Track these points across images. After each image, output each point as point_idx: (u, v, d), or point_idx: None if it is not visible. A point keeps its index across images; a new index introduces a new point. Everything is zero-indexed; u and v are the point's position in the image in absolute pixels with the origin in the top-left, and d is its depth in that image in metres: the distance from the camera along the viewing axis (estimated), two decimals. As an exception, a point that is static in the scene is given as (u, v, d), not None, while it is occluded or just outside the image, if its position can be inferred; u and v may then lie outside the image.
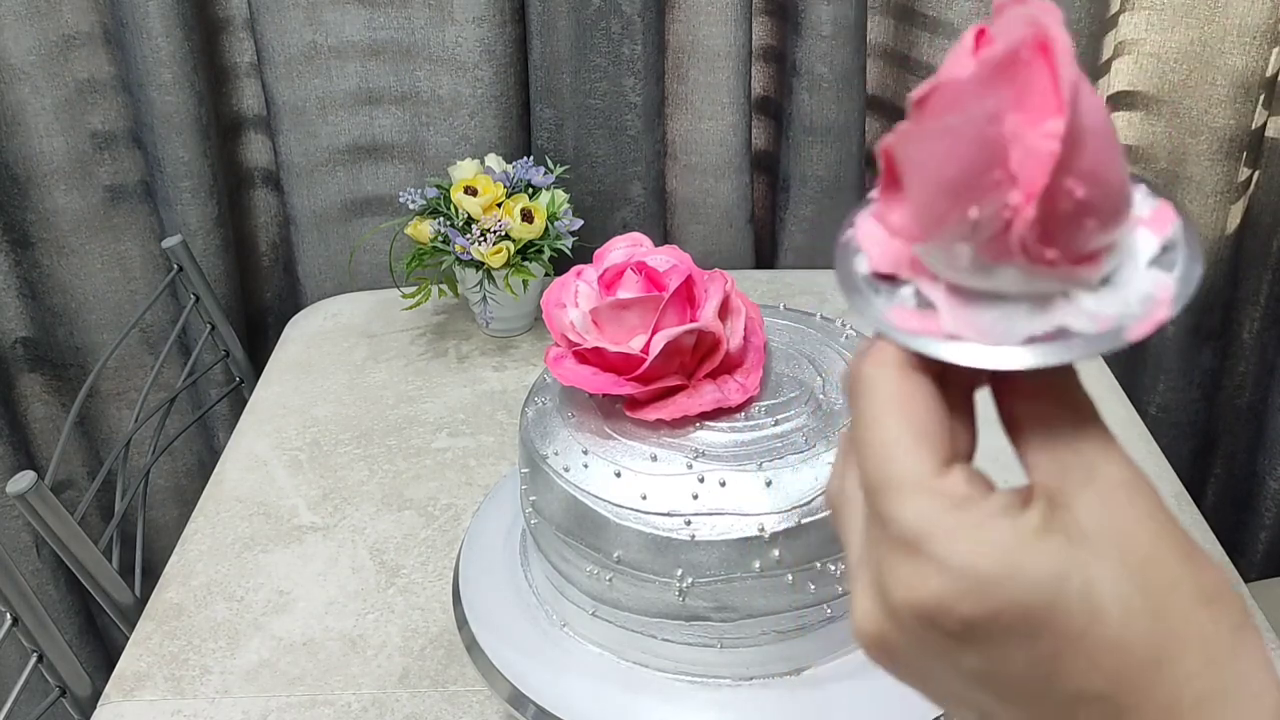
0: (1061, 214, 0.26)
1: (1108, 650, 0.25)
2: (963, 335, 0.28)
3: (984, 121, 0.25)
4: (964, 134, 0.25)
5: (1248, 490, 1.40)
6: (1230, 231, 1.29)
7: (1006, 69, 0.25)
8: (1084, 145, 0.25)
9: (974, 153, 0.25)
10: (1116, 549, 0.26)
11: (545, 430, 0.65)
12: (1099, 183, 0.26)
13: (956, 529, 0.26)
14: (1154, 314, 0.27)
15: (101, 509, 1.33)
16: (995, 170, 0.25)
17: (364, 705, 0.75)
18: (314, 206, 1.27)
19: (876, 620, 0.28)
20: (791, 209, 1.29)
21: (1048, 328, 0.27)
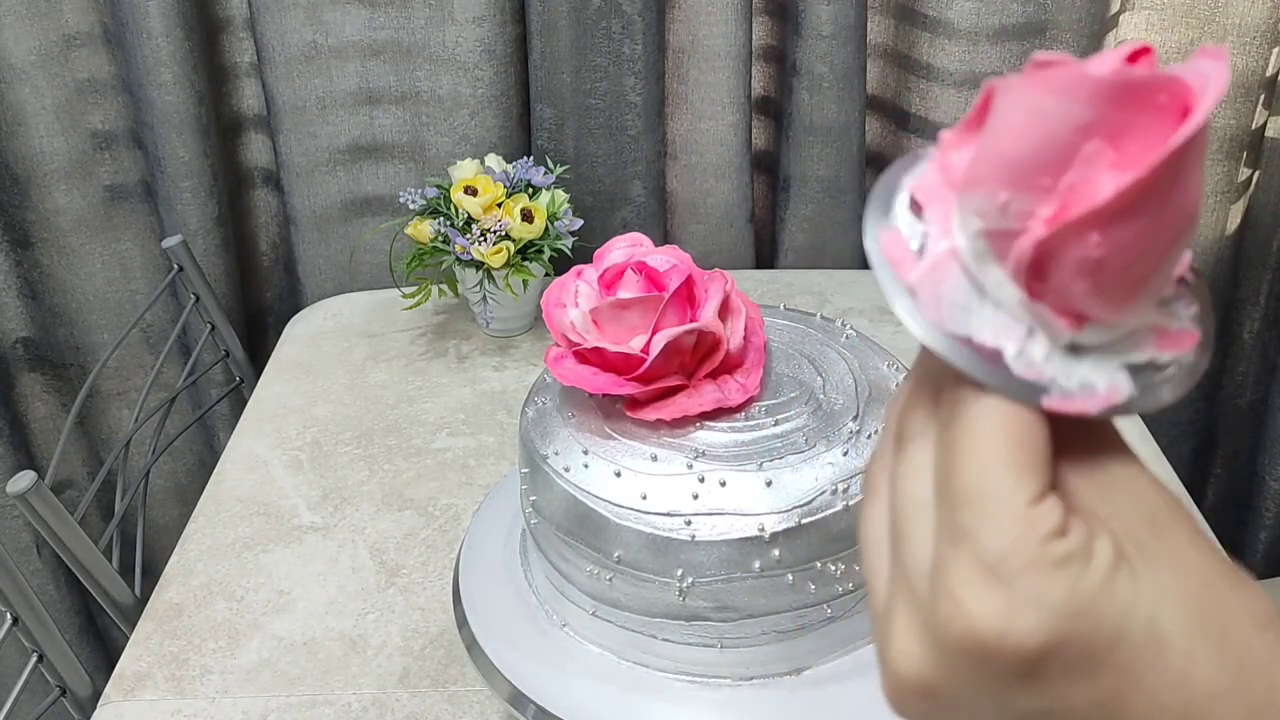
0: (1067, 259, 0.25)
1: (1173, 685, 0.25)
2: (919, 294, 0.27)
3: (1072, 126, 0.24)
4: (1046, 124, 0.24)
5: (1248, 490, 1.40)
6: (1230, 231, 1.29)
7: (1133, 97, 0.23)
8: (1137, 219, 0.24)
9: (1041, 146, 0.24)
10: (1173, 580, 0.25)
11: (545, 430, 0.65)
12: (1124, 259, 0.24)
13: (1039, 560, 0.25)
14: (1079, 400, 0.26)
15: (101, 509, 1.33)
16: (1046, 176, 0.24)
17: (364, 705, 0.75)
18: (314, 206, 1.27)
19: (918, 662, 0.26)
20: (791, 209, 1.29)
21: (989, 343, 0.26)
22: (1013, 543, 0.25)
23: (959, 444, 0.26)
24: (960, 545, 0.25)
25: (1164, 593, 0.25)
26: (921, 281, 0.27)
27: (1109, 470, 0.27)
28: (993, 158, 0.25)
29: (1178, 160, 0.23)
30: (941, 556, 0.26)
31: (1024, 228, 0.25)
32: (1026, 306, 0.26)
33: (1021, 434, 0.26)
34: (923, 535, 0.27)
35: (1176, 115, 0.23)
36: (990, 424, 0.26)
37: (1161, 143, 0.23)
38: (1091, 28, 1.20)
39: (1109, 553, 0.25)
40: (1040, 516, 0.25)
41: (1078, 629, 0.24)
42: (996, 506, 0.25)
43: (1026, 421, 0.26)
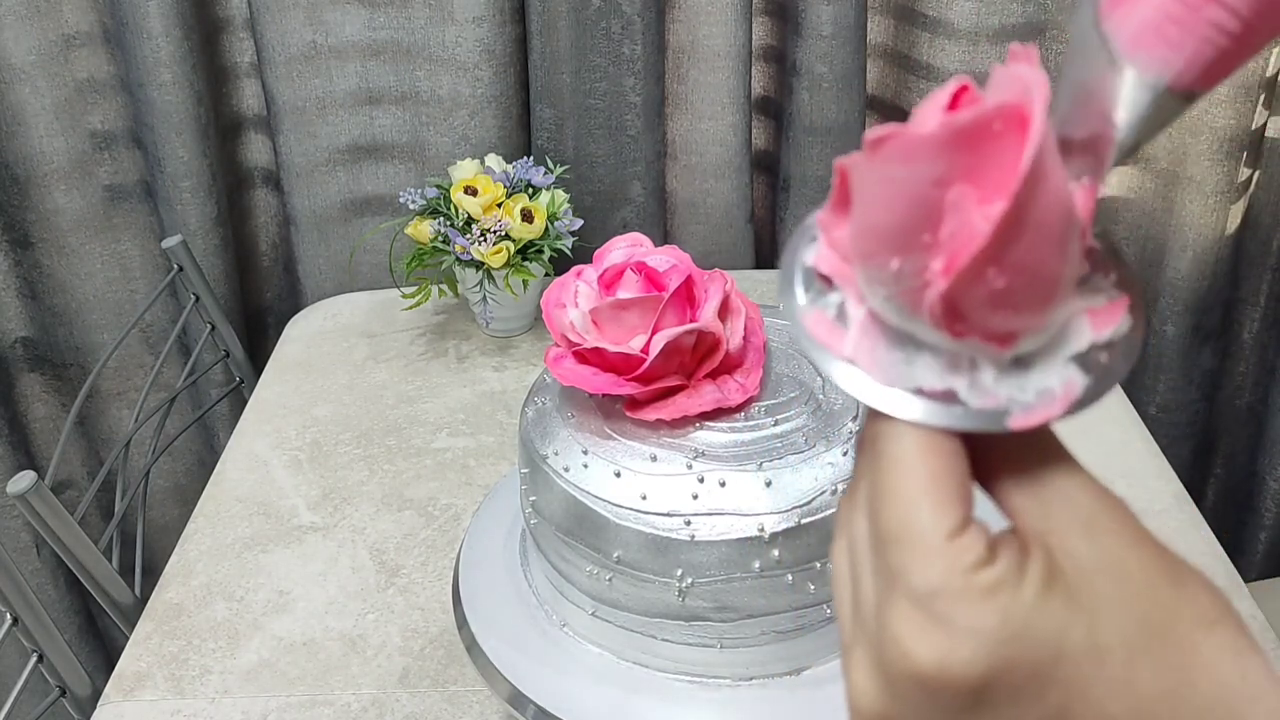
0: (975, 297, 0.25)
1: (1117, 693, 0.25)
2: (859, 362, 0.27)
3: (928, 183, 0.24)
4: (904, 189, 0.25)
5: (1248, 490, 1.40)
6: (1230, 231, 1.29)
7: (972, 136, 0.24)
8: (1021, 237, 0.24)
9: (908, 210, 0.25)
10: (1111, 588, 0.25)
11: (545, 430, 0.65)
12: (1026, 276, 0.25)
13: (967, 591, 0.25)
14: (1041, 410, 0.27)
15: (101, 509, 1.33)
16: (925, 233, 0.25)
17: (364, 705, 0.75)
18: (314, 206, 1.27)
19: (873, 698, 0.26)
20: (791, 209, 1.29)
21: (939, 386, 0.27)
22: (940, 577, 0.25)
23: (879, 485, 0.27)
24: (894, 585, 0.26)
25: (1101, 602, 0.25)
26: (857, 351, 0.28)
27: (1046, 481, 0.27)
28: (869, 232, 0.26)
29: (1034, 173, 0.24)
30: (880, 597, 0.26)
31: (925, 283, 0.25)
32: (958, 346, 0.27)
33: (936, 468, 0.26)
34: (868, 574, 0.27)
35: (1018, 130, 0.24)
36: (906, 463, 0.26)
37: (1015, 163, 0.24)
38: (1091, 28, 1.20)
39: (1040, 572, 0.25)
40: (963, 548, 0.25)
41: (1015, 654, 0.25)
42: (920, 543, 0.26)
43: (941, 455, 0.26)
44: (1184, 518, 0.88)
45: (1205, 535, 0.87)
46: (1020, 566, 0.25)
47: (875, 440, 0.27)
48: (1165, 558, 0.26)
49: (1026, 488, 0.27)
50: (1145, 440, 0.98)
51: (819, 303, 0.29)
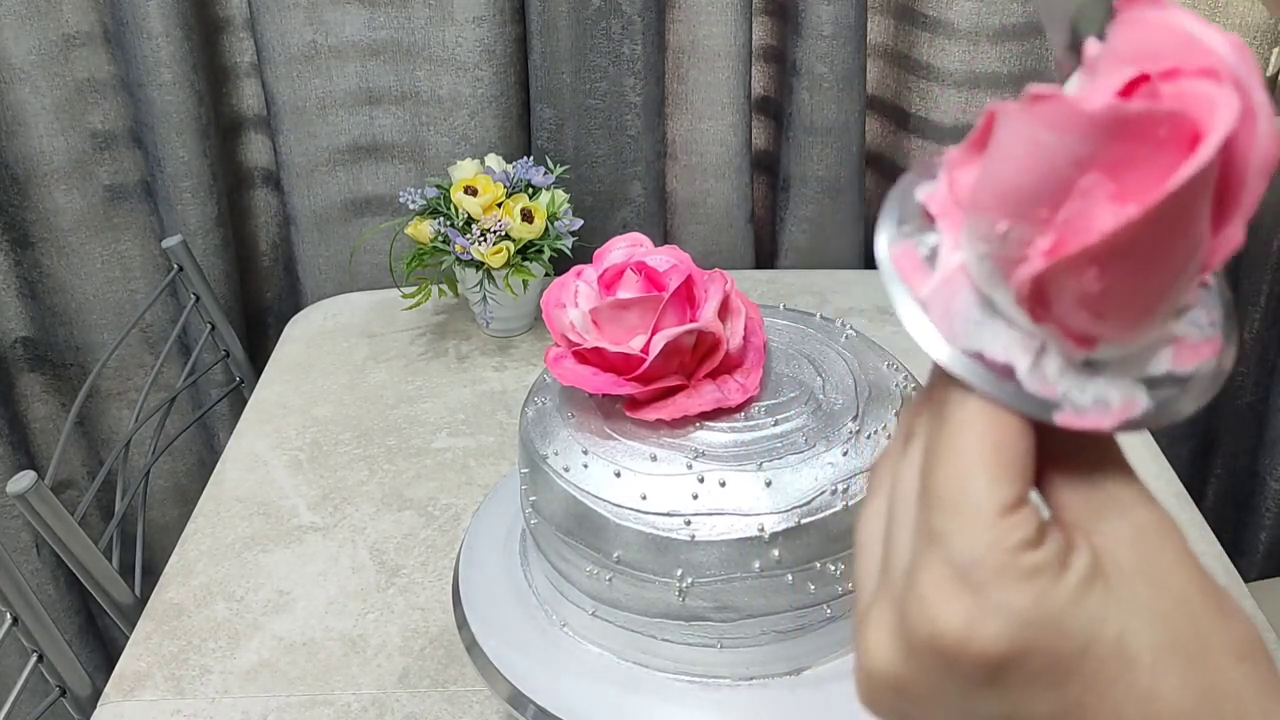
0: (1067, 290, 0.24)
1: (1136, 700, 0.25)
2: (931, 309, 0.27)
3: (1068, 159, 0.23)
4: (1043, 156, 0.23)
5: (1248, 490, 1.40)
6: (1230, 231, 1.29)
7: (1130, 131, 0.23)
8: (1136, 251, 0.23)
9: (1038, 179, 0.24)
10: (1150, 598, 0.25)
11: (545, 430, 0.65)
12: (1125, 290, 0.24)
13: (1007, 568, 0.25)
14: (1093, 416, 0.26)
15: (101, 509, 1.33)
16: (1044, 208, 0.24)
17: (364, 705, 0.75)
18: (314, 206, 1.27)
19: (890, 659, 0.26)
20: (791, 209, 1.29)
21: (1001, 358, 0.26)
22: (983, 550, 0.25)
23: (939, 446, 0.26)
24: (933, 547, 0.25)
25: (1138, 610, 0.25)
26: (934, 296, 0.27)
27: (1102, 485, 0.27)
28: (993, 186, 0.25)
29: (1181, 195, 0.22)
30: (915, 557, 0.26)
31: (1024, 256, 0.25)
32: (1033, 329, 0.26)
33: (1001, 441, 0.26)
34: (907, 533, 0.27)
35: (1183, 146, 0.23)
36: (971, 429, 0.26)
37: (1164, 176, 0.22)
38: (1091, 28, 1.20)
39: (1084, 567, 0.25)
40: (1013, 526, 0.25)
41: (1042, 639, 0.25)
42: (969, 512, 0.25)
43: (1009, 429, 0.26)
44: (1184, 518, 0.88)
45: (1205, 535, 0.87)
46: (1064, 558, 0.25)
47: (944, 402, 0.27)
48: (1208, 584, 0.26)
49: (1081, 487, 0.27)
50: (1145, 440, 0.98)
51: (914, 238, 0.28)
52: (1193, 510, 0.89)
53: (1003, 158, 0.24)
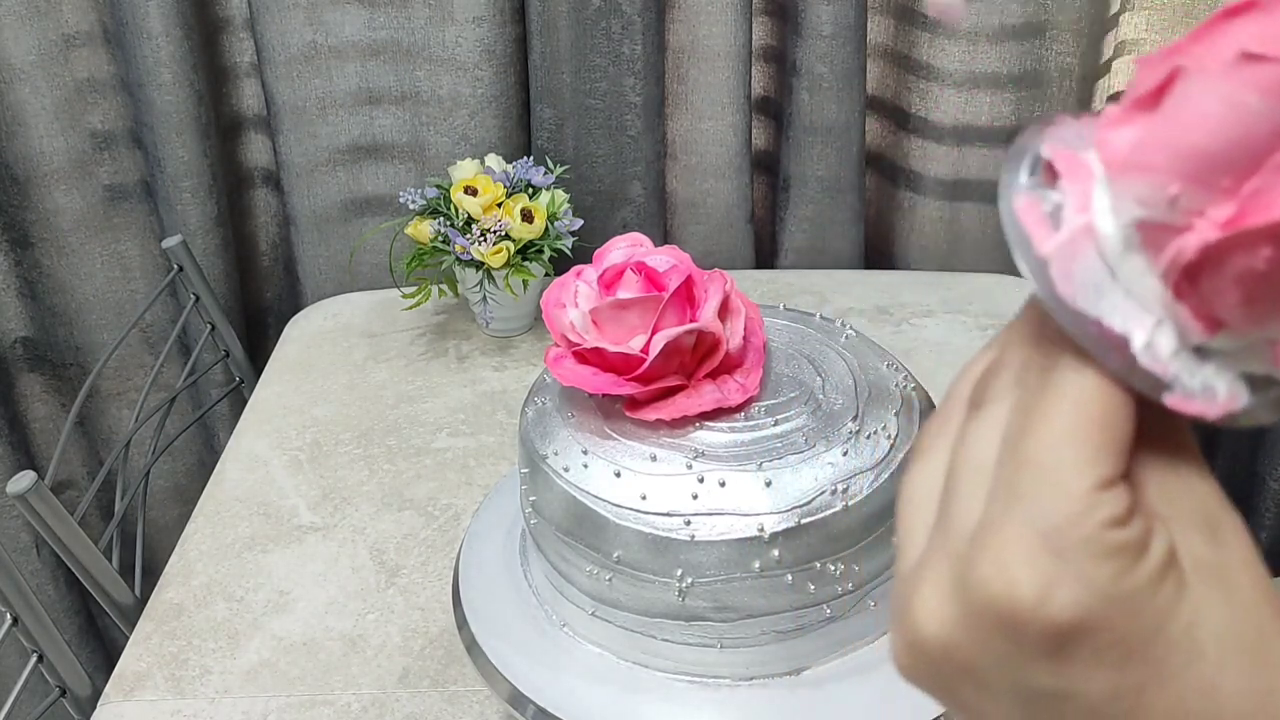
0: (1228, 268, 0.23)
1: (1201, 693, 0.24)
2: (1052, 267, 0.25)
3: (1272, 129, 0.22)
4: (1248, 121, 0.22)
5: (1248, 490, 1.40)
6: (1230, 231, 1.29)
7: None
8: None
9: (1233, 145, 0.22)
10: (1220, 595, 0.25)
11: (545, 430, 0.65)
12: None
13: (1093, 541, 0.24)
14: (1201, 402, 0.25)
15: (101, 509, 1.33)
16: (1229, 177, 0.22)
17: (364, 705, 0.75)
18: (314, 206, 1.27)
19: (943, 621, 0.25)
20: (791, 209, 1.29)
21: (1118, 328, 0.25)
22: (1070, 518, 0.24)
23: (1039, 410, 0.25)
24: (1015, 508, 0.25)
25: (1209, 603, 0.25)
26: (1057, 254, 0.25)
27: (1180, 474, 0.26)
28: (1171, 146, 0.23)
29: None
30: (992, 516, 0.25)
31: (1189, 225, 0.23)
32: (1166, 303, 0.25)
33: (1106, 414, 0.25)
34: (975, 496, 0.26)
35: None
36: (1076, 397, 0.25)
37: None
38: (1091, 28, 1.20)
39: (1163, 553, 0.24)
40: (1104, 501, 0.24)
41: (1115, 616, 0.24)
42: (1062, 479, 0.24)
43: (1114, 403, 0.25)
44: (1184, 518, 0.88)
45: (1205, 535, 0.87)
46: (1145, 541, 0.24)
47: (1049, 367, 0.26)
48: (1273, 591, 0.26)
49: (1165, 474, 0.26)
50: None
51: (1039, 191, 0.26)
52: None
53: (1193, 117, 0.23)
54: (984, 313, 1.16)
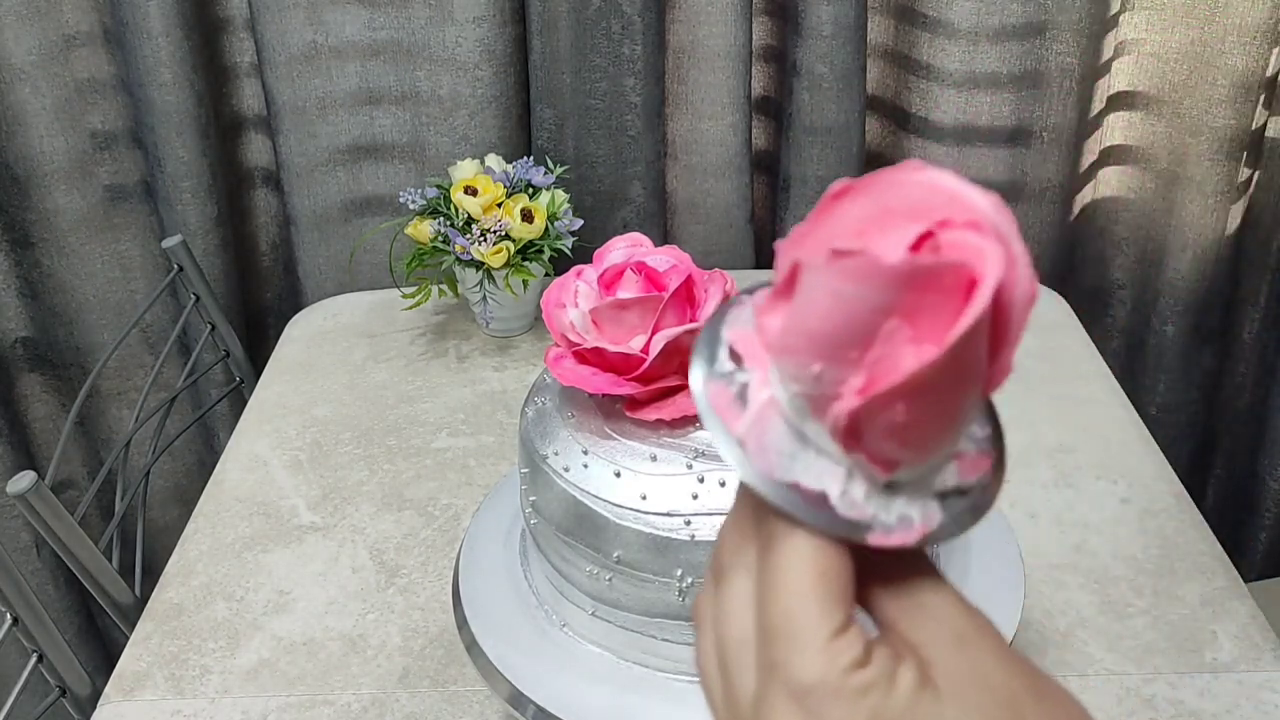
0: (878, 422, 0.27)
1: None
2: (747, 445, 0.29)
3: (870, 308, 0.25)
4: (849, 307, 0.26)
5: (1248, 490, 1.40)
6: (1230, 231, 1.29)
7: (922, 282, 0.25)
8: (936, 385, 0.26)
9: (847, 326, 0.26)
10: (975, 696, 0.27)
11: (545, 430, 0.65)
12: (927, 419, 0.27)
13: (842, 689, 0.26)
14: (900, 534, 0.28)
15: (101, 509, 1.33)
16: (854, 350, 0.26)
17: (364, 705, 0.75)
18: (314, 206, 1.27)
19: None
20: (791, 209, 1.29)
21: (815, 487, 0.28)
22: (819, 674, 0.27)
23: (771, 579, 0.28)
24: (774, 678, 0.27)
25: (968, 711, 0.27)
26: (748, 432, 0.29)
27: (917, 596, 0.28)
28: (802, 332, 0.27)
29: (966, 338, 0.25)
30: (760, 688, 0.28)
31: (837, 394, 0.27)
32: (845, 457, 0.28)
33: (826, 568, 0.28)
34: (745, 670, 0.29)
35: (964, 291, 0.25)
36: (798, 560, 0.28)
37: (952, 318, 0.25)
38: (1091, 27, 1.20)
39: (911, 677, 0.27)
40: (843, 649, 0.27)
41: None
42: (804, 639, 0.27)
43: (831, 556, 0.28)
44: (1184, 518, 0.88)
45: (1205, 535, 0.87)
46: (892, 672, 0.27)
47: (770, 535, 0.29)
48: (1027, 673, 0.28)
49: (900, 601, 0.28)
50: (1145, 440, 0.98)
51: (726, 377, 0.30)
52: (1193, 510, 0.89)
53: (809, 306, 0.27)
54: (984, 313, 1.16)
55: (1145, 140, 1.30)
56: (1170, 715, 0.72)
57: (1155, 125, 1.28)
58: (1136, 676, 0.75)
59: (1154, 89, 1.27)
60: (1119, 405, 1.02)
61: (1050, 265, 1.33)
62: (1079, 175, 1.30)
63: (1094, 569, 0.84)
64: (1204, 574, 0.83)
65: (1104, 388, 1.04)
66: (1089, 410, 1.01)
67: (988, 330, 0.26)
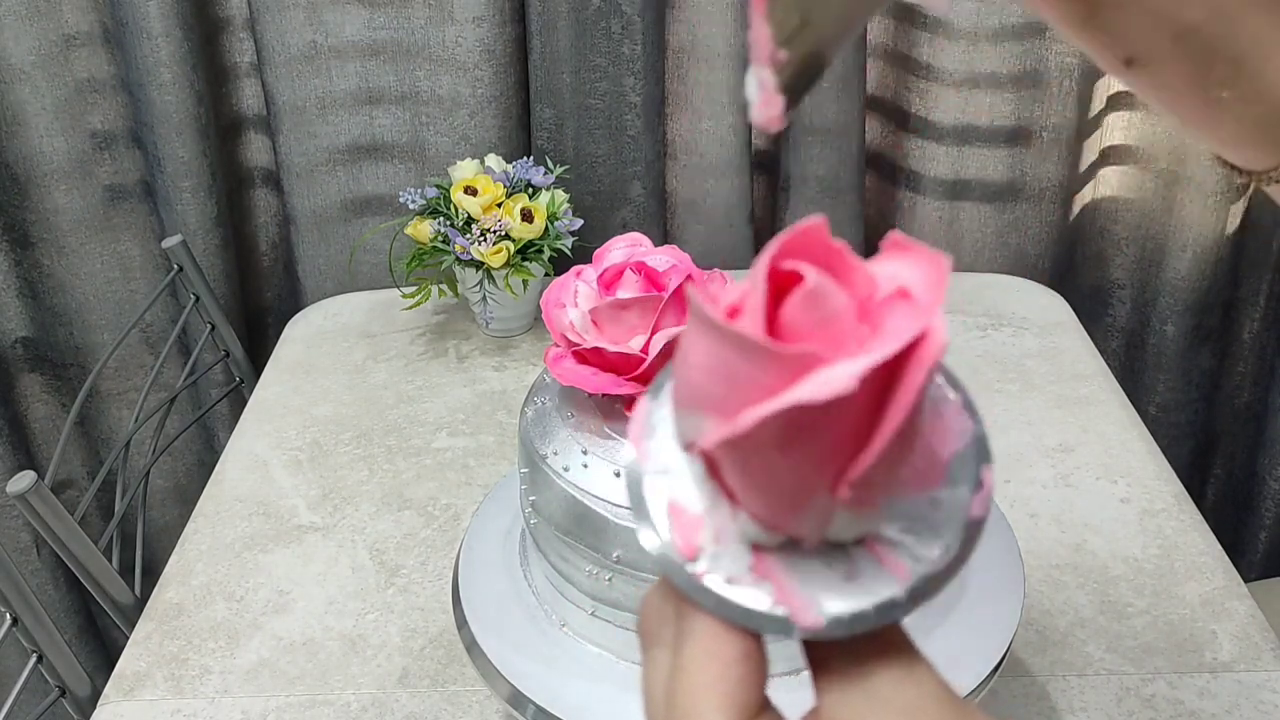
0: (732, 470, 0.26)
1: None
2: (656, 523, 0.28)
3: (730, 364, 0.25)
4: (706, 357, 0.25)
5: (1248, 490, 1.40)
6: (1230, 231, 1.29)
7: (748, 352, 0.24)
8: (765, 456, 0.25)
9: (704, 376, 0.25)
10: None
11: (545, 430, 0.65)
12: (771, 490, 0.26)
13: None
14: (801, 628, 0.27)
15: (101, 509, 1.33)
16: (714, 402, 0.25)
17: (364, 705, 0.75)
18: (314, 206, 1.27)
19: None
20: (791, 209, 1.29)
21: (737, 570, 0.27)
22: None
23: (680, 662, 0.28)
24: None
25: None
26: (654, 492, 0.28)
27: (866, 683, 0.27)
28: (684, 380, 0.26)
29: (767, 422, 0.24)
30: None
31: (699, 437, 0.26)
32: (733, 519, 0.27)
33: (730, 660, 0.27)
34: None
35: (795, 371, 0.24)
36: (701, 651, 0.27)
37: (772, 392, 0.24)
38: (1091, 28, 1.20)
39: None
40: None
41: None
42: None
43: (734, 646, 0.27)
44: (1184, 518, 0.88)
45: (1205, 535, 0.87)
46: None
47: (684, 619, 0.28)
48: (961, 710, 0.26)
49: (843, 688, 0.27)
50: (1145, 440, 0.98)
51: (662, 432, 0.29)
52: (1193, 510, 0.89)
53: (680, 354, 0.26)
54: (984, 313, 1.16)
55: (1145, 140, 1.30)
56: (1170, 715, 0.72)
57: (1155, 125, 1.28)
58: (1136, 676, 0.75)
59: (1154, 89, 1.27)
60: (1119, 405, 1.02)
61: (1050, 265, 1.33)
62: (1079, 175, 1.30)
63: (1094, 569, 0.84)
64: (1203, 574, 0.83)
65: (1104, 388, 1.04)
66: (1089, 410, 1.01)
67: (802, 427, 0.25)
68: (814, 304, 0.25)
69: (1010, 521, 0.73)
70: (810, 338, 0.25)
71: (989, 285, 1.23)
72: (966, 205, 1.29)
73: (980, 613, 0.65)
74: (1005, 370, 1.06)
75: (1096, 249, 1.37)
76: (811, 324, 0.25)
